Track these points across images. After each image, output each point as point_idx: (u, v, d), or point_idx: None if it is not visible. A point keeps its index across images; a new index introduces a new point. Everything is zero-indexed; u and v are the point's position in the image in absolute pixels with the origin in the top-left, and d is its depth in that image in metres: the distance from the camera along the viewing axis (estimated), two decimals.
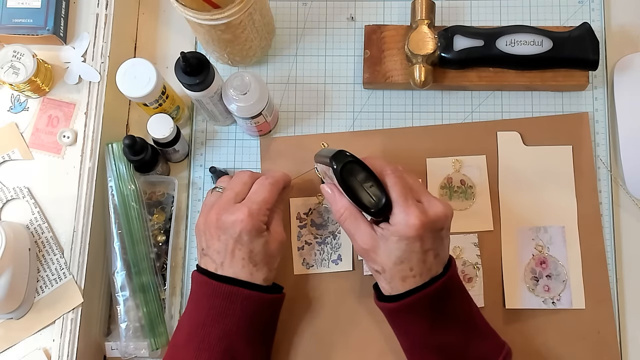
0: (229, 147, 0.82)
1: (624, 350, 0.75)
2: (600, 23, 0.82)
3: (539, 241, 0.77)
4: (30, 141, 0.77)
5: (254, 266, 0.66)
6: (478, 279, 0.76)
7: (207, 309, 0.65)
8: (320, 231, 0.78)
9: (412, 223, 0.60)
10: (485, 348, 0.65)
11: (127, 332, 0.74)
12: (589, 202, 0.77)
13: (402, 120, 0.81)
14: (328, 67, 0.83)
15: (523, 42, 0.76)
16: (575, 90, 0.81)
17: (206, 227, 0.67)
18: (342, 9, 0.84)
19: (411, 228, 0.60)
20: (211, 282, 0.65)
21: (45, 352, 0.71)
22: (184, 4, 0.68)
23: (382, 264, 0.63)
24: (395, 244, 0.61)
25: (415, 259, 0.62)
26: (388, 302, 0.64)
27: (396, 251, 0.62)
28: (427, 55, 0.76)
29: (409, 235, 0.61)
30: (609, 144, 0.79)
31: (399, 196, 0.62)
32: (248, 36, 0.75)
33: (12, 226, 0.71)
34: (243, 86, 0.71)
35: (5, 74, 0.73)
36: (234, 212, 0.65)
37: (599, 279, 0.75)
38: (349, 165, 0.62)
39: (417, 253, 0.62)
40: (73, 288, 0.72)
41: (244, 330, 0.65)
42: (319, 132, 0.81)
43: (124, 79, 0.72)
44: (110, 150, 0.76)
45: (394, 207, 0.62)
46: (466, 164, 0.79)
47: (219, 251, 0.66)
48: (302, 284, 0.77)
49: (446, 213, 0.63)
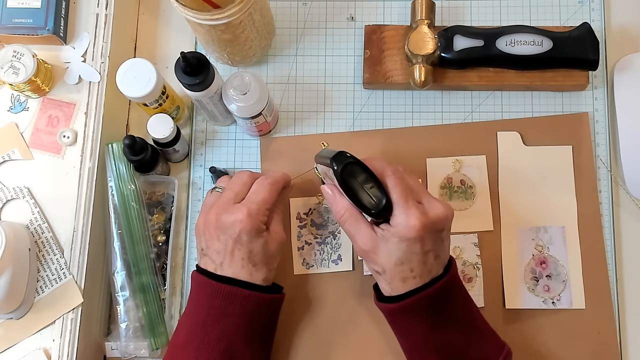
0: (229, 147, 0.82)
1: (624, 350, 0.75)
2: (600, 23, 0.82)
3: (539, 241, 0.77)
4: (30, 141, 0.77)
5: (254, 266, 0.66)
6: (478, 279, 0.76)
7: (207, 309, 0.65)
8: (320, 231, 0.78)
9: (412, 224, 0.60)
10: (486, 349, 0.65)
11: (127, 332, 0.74)
12: (589, 202, 0.77)
13: (402, 120, 0.81)
14: (328, 67, 0.83)
15: (523, 42, 0.76)
16: (575, 90, 0.81)
17: (205, 227, 0.67)
18: (342, 9, 0.84)
19: (412, 229, 0.60)
20: (211, 282, 0.65)
21: (45, 352, 0.71)
22: (184, 4, 0.68)
23: (383, 265, 0.63)
24: (395, 245, 0.61)
25: (415, 260, 0.62)
26: (388, 303, 0.64)
27: (396, 252, 0.62)
28: (427, 55, 0.76)
29: (410, 236, 0.61)
30: (609, 144, 0.79)
31: (399, 197, 0.62)
32: (248, 36, 0.75)
33: (12, 226, 0.71)
34: (243, 86, 0.71)
35: (5, 74, 0.73)
36: (234, 212, 0.65)
37: (599, 279, 0.75)
38: (349, 166, 0.62)
39: (417, 254, 0.62)
40: (73, 288, 0.72)
41: (244, 330, 0.65)
42: (319, 132, 0.81)
43: (124, 79, 0.72)
44: (110, 150, 0.76)
45: (395, 208, 0.62)
46: (466, 164, 0.79)
47: (218, 251, 0.66)
48: (302, 284, 0.77)
49: (447, 214, 0.63)
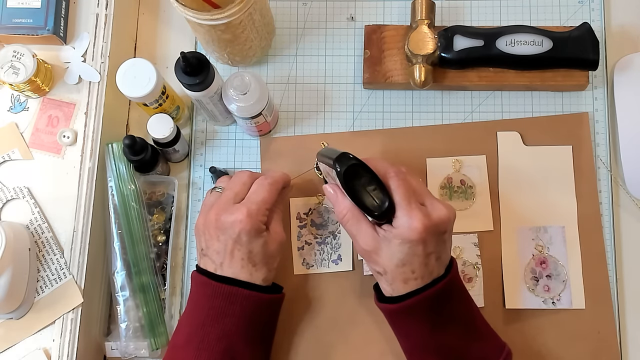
0: (229, 147, 0.82)
1: (624, 350, 0.75)
2: (600, 23, 0.82)
3: (539, 241, 0.77)
4: (30, 141, 0.77)
5: (253, 266, 0.66)
6: (478, 279, 0.76)
7: (207, 309, 0.65)
8: (320, 231, 0.78)
9: (415, 226, 0.60)
10: (486, 349, 0.65)
11: (127, 332, 0.74)
12: (589, 202, 0.77)
13: (402, 120, 0.81)
14: (328, 67, 0.83)
15: (523, 42, 0.76)
16: (575, 90, 0.81)
17: (205, 228, 0.67)
18: (342, 9, 0.84)
19: (414, 231, 0.60)
20: (210, 283, 0.65)
21: (45, 352, 0.71)
22: (184, 4, 0.68)
23: (384, 266, 0.63)
24: (397, 247, 0.61)
25: (417, 262, 0.62)
26: (389, 304, 0.64)
27: (398, 254, 0.62)
28: (427, 55, 0.76)
29: (412, 238, 0.61)
30: (609, 144, 0.79)
31: (402, 199, 0.62)
32: (248, 36, 0.75)
33: (12, 226, 0.71)
34: (243, 86, 0.71)
35: (5, 74, 0.73)
36: (233, 212, 0.65)
37: (599, 279, 0.75)
38: (352, 168, 0.62)
39: (419, 256, 0.61)
40: (73, 288, 0.72)
41: (244, 330, 0.65)
42: (319, 132, 0.81)
43: (124, 79, 0.72)
44: (110, 150, 0.76)
45: (397, 210, 0.62)
46: (466, 164, 0.79)
47: (218, 251, 0.66)
48: (302, 284, 0.77)
49: (449, 216, 0.63)
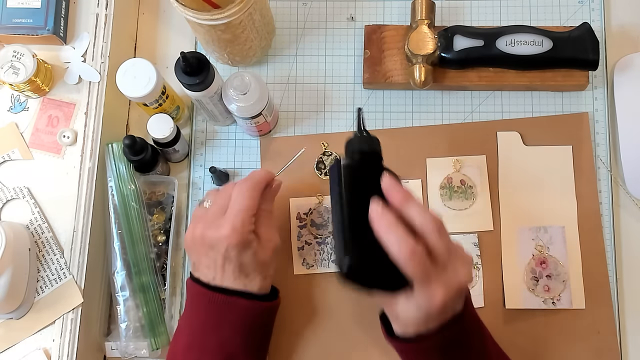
0: (229, 147, 0.82)
1: (624, 350, 0.75)
2: (600, 23, 0.82)
3: (539, 241, 0.77)
4: (30, 141, 0.77)
5: (246, 277, 0.65)
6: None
7: (205, 318, 0.65)
8: (320, 231, 0.78)
9: (436, 302, 0.56)
10: None
11: (127, 332, 0.74)
12: (589, 202, 0.77)
13: (402, 120, 0.81)
14: (328, 67, 0.83)
15: (523, 42, 0.76)
16: (575, 90, 0.81)
17: (193, 244, 0.66)
18: (342, 9, 0.84)
19: (435, 305, 0.56)
20: (206, 293, 0.65)
21: (45, 352, 0.71)
22: (184, 4, 0.68)
23: (399, 314, 0.59)
24: (415, 310, 0.58)
25: (434, 317, 0.58)
26: (401, 342, 0.61)
27: (416, 313, 0.58)
28: (427, 55, 0.76)
29: (432, 311, 0.57)
30: (609, 144, 0.79)
31: (419, 277, 0.56)
32: (248, 36, 0.75)
33: (12, 226, 0.71)
34: (243, 86, 0.71)
35: (5, 74, 0.73)
36: (218, 227, 0.63)
37: (599, 279, 0.75)
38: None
39: (437, 314, 0.58)
40: (73, 288, 0.72)
41: (243, 338, 0.65)
42: (319, 132, 0.81)
43: (124, 79, 0.72)
44: (110, 150, 0.76)
45: (415, 284, 0.57)
46: (466, 164, 0.79)
47: (208, 266, 0.65)
48: (302, 284, 0.77)
49: (469, 278, 0.59)
